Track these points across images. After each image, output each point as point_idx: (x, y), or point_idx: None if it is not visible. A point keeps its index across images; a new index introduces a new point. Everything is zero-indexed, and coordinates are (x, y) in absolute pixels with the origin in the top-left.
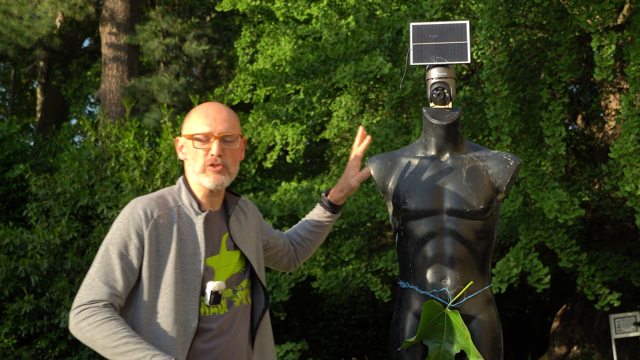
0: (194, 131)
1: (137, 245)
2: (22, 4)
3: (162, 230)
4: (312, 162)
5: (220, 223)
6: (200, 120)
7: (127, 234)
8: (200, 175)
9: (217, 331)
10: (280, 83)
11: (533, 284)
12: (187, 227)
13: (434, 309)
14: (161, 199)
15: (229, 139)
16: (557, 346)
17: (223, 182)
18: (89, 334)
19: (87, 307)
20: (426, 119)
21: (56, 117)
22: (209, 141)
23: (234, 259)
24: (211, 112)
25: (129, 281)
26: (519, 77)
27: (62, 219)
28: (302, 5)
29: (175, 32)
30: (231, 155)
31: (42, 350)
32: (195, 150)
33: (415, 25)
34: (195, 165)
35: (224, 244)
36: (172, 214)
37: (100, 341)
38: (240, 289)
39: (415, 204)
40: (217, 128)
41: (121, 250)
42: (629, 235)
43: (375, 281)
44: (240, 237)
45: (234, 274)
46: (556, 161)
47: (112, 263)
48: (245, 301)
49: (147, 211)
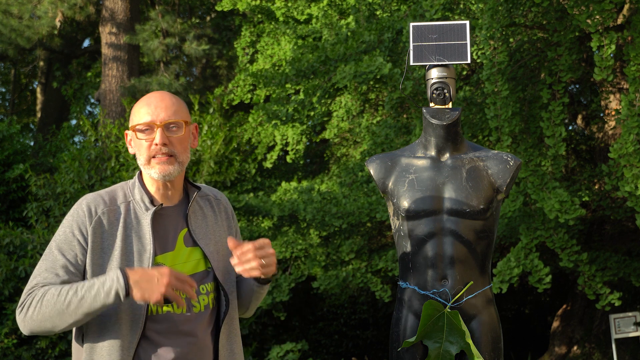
0: (137, 122)
1: (81, 241)
2: (22, 4)
3: (107, 227)
4: (312, 162)
5: (177, 218)
6: (142, 110)
7: (70, 231)
8: (147, 167)
9: (173, 332)
10: (280, 83)
11: (534, 284)
12: (134, 223)
13: (434, 309)
14: (110, 194)
15: (174, 126)
16: (557, 346)
17: (171, 173)
18: (39, 315)
19: (25, 297)
20: (426, 119)
21: (56, 117)
22: (152, 130)
23: (195, 255)
24: (153, 101)
25: (70, 275)
26: (519, 77)
27: (62, 219)
28: (302, 5)
29: (175, 32)
30: (179, 143)
31: (42, 350)
32: (139, 141)
33: (415, 25)
34: (141, 157)
35: (181, 240)
36: (120, 209)
37: (53, 311)
38: (205, 292)
39: (415, 204)
40: (160, 116)
41: (63, 247)
42: (629, 235)
43: (375, 281)
44: (202, 232)
45: (196, 273)
46: (556, 161)
47: (55, 259)
48: (212, 304)
49: (92, 207)
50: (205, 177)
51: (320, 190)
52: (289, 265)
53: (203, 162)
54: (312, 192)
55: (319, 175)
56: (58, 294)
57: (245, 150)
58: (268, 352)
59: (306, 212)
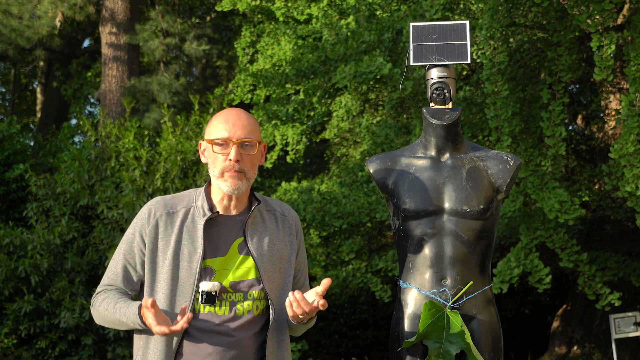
0: (214, 136)
1: (139, 242)
2: (22, 4)
3: (162, 229)
4: (312, 162)
5: (235, 227)
6: (220, 126)
7: (132, 233)
8: (219, 179)
9: (212, 330)
10: (280, 83)
11: (534, 284)
12: (191, 227)
13: (434, 309)
14: (174, 199)
15: (248, 144)
16: (557, 346)
17: (240, 187)
18: (98, 318)
19: (94, 296)
20: (426, 119)
21: (56, 117)
22: (228, 146)
23: (248, 263)
24: (231, 118)
25: (130, 276)
26: (519, 77)
27: (62, 219)
28: (302, 5)
29: (175, 32)
30: (249, 161)
31: (42, 350)
32: (214, 154)
33: (415, 25)
34: (215, 170)
35: (235, 247)
36: (179, 214)
37: (104, 321)
38: (251, 298)
39: (415, 204)
40: (236, 134)
41: (126, 248)
42: (629, 235)
43: (375, 281)
44: (257, 243)
45: (246, 280)
46: (556, 161)
47: (117, 262)
48: (256, 311)
49: (152, 210)
50: (205, 177)
51: (320, 190)
52: None
53: None
54: (312, 192)
55: (319, 175)
56: (106, 308)
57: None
58: None
59: (306, 212)
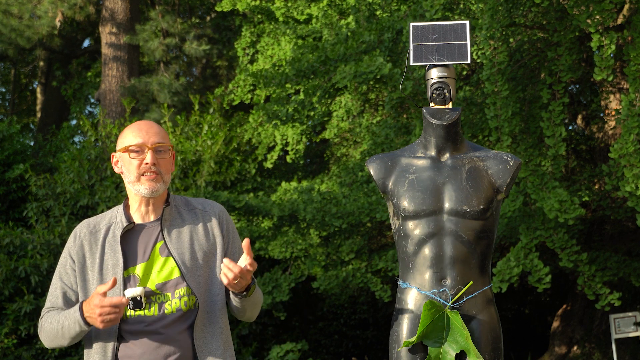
0: (129, 143)
1: (71, 264)
2: (22, 4)
3: (88, 248)
4: (312, 162)
5: (154, 232)
6: (134, 134)
7: (65, 256)
8: (136, 184)
9: (143, 331)
10: (280, 83)
11: (534, 283)
12: (112, 242)
13: (434, 309)
14: (98, 219)
15: (161, 148)
16: (557, 346)
17: (158, 189)
18: (47, 338)
19: (40, 320)
20: (426, 119)
21: (56, 117)
22: (143, 152)
23: (170, 264)
24: (144, 127)
25: (68, 296)
26: (519, 77)
27: (62, 219)
28: (302, 5)
29: (175, 32)
30: (164, 164)
31: (42, 350)
32: (130, 160)
33: (415, 25)
34: (131, 175)
35: (157, 251)
36: (102, 231)
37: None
38: (178, 296)
39: (415, 204)
40: (150, 139)
41: (61, 271)
42: (629, 235)
43: (375, 281)
44: (177, 243)
45: (170, 279)
46: (556, 161)
47: (56, 284)
48: (185, 307)
49: (77, 232)
50: (205, 177)
51: (320, 190)
52: (289, 265)
53: (203, 162)
54: (312, 192)
55: (319, 175)
56: (51, 322)
57: (245, 151)
58: (268, 352)
59: (306, 212)
